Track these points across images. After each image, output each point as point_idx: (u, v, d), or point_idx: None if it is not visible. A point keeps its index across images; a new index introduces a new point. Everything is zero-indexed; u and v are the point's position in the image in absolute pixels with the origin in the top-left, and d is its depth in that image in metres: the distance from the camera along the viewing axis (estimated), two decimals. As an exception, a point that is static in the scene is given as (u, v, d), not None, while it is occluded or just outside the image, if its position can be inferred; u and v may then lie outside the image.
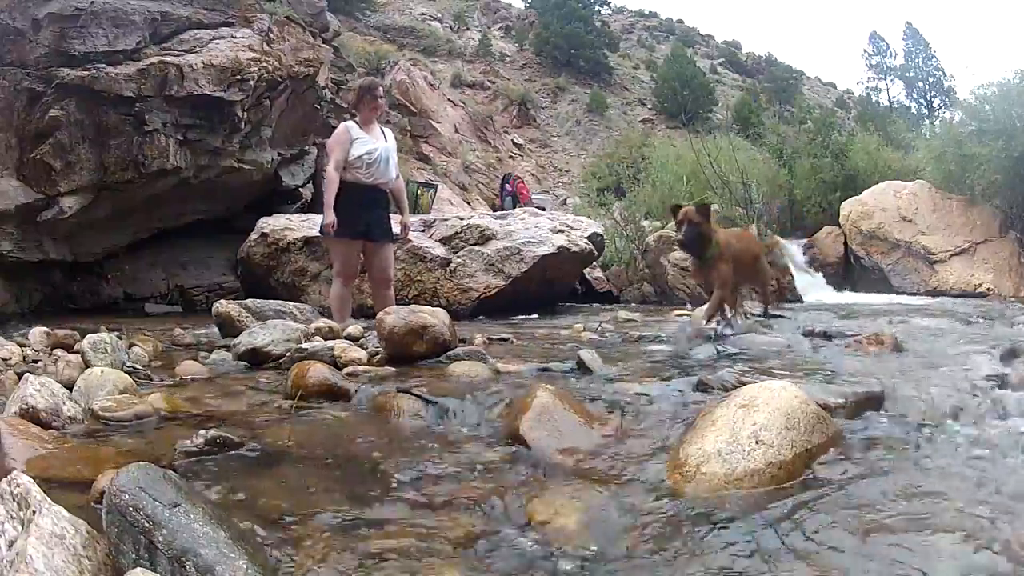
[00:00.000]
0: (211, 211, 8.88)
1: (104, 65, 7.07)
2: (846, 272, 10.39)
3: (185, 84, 7.41)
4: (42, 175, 6.94)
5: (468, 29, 34.39)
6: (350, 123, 4.70)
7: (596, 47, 34.24)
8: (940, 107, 37.08)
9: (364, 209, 4.55)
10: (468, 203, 15.20)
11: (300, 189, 10.22)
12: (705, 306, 4.16)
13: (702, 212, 3.85)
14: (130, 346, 3.29)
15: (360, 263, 4.82)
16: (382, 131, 4.81)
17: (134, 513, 1.06)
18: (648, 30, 46.76)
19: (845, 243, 10.50)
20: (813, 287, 9.37)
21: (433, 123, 18.25)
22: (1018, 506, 1.32)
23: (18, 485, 1.08)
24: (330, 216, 4.42)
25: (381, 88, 4.87)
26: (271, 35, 8.56)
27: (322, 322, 3.79)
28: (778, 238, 9.38)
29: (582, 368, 2.63)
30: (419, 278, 6.79)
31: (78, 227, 7.49)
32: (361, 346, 3.10)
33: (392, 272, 4.92)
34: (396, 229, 4.92)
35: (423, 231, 7.20)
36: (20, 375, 2.47)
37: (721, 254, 3.86)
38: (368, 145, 4.58)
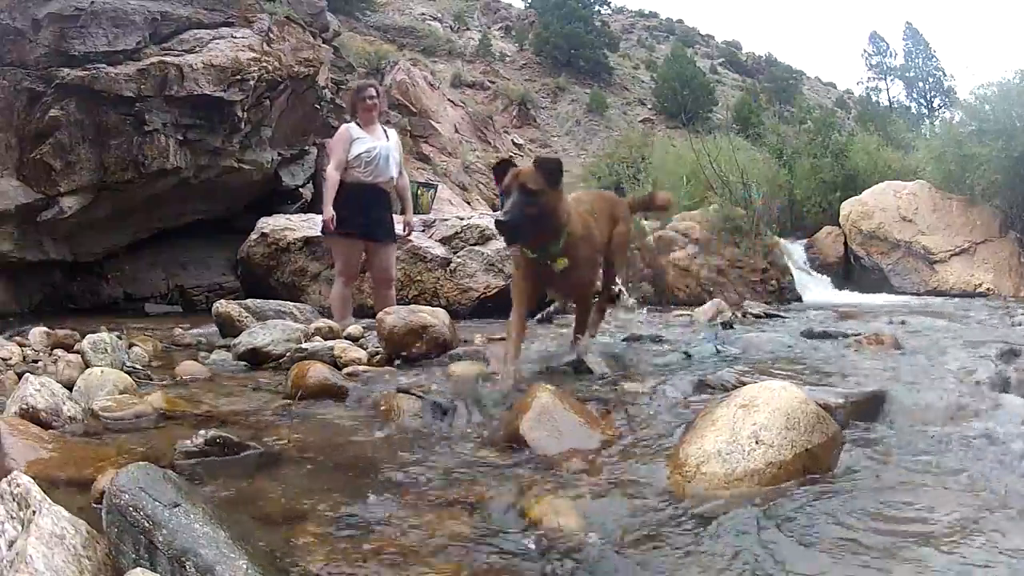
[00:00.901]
0: (211, 211, 8.89)
1: (104, 65, 7.08)
2: (846, 272, 10.40)
3: (185, 84, 7.42)
4: (42, 175, 6.95)
5: (468, 29, 34.43)
6: (351, 124, 4.73)
7: (596, 47, 34.29)
8: (940, 107, 37.17)
9: (366, 208, 4.56)
10: (468, 203, 15.21)
11: (300, 189, 10.24)
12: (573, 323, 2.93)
13: (547, 174, 2.28)
14: (130, 346, 3.29)
15: (361, 263, 4.83)
16: (384, 131, 4.84)
17: (134, 513, 1.06)
18: (648, 30, 46.84)
19: (845, 243, 10.51)
20: (813, 287, 9.38)
21: (433, 123, 18.26)
22: (1018, 506, 1.32)
23: (18, 485, 1.08)
24: (329, 211, 4.49)
25: (372, 89, 4.88)
26: (271, 35, 8.57)
27: (322, 322, 3.80)
28: (778, 238, 9.38)
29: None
30: (419, 278, 6.79)
31: (78, 227, 7.49)
32: (361, 346, 3.10)
33: (393, 272, 4.93)
34: (399, 229, 4.94)
35: (423, 231, 7.20)
36: (20, 375, 2.47)
37: (577, 245, 2.43)
38: (367, 144, 4.61)
